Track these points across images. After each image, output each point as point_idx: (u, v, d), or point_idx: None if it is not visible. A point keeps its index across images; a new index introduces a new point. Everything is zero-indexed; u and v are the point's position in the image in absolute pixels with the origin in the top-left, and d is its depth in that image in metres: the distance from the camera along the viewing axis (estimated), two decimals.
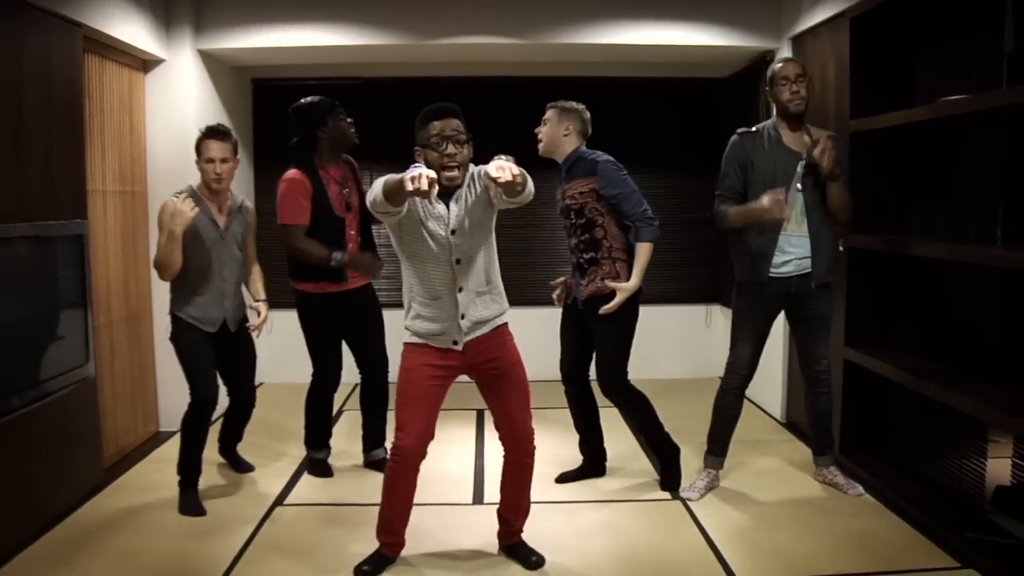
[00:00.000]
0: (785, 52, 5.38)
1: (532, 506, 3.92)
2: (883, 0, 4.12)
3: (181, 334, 4.04)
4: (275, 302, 6.34)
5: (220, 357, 4.13)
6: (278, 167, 6.43)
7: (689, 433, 4.98)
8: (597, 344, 4.19)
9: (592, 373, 4.31)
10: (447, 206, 3.21)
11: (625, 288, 3.99)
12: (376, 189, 3.04)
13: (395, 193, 2.94)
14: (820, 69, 4.84)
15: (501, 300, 3.40)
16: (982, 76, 3.75)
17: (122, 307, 4.90)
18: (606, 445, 4.58)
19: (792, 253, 4.01)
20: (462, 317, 3.26)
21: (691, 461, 4.60)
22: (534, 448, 3.49)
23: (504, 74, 6.45)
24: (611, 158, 4.08)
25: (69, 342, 3.98)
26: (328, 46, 5.54)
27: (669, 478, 4.31)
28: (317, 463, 4.58)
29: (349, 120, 4.36)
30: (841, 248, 4.42)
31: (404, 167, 2.96)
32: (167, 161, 5.21)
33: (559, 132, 4.14)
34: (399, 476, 3.36)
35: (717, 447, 4.30)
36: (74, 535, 3.75)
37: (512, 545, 3.59)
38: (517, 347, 3.44)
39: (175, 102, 5.29)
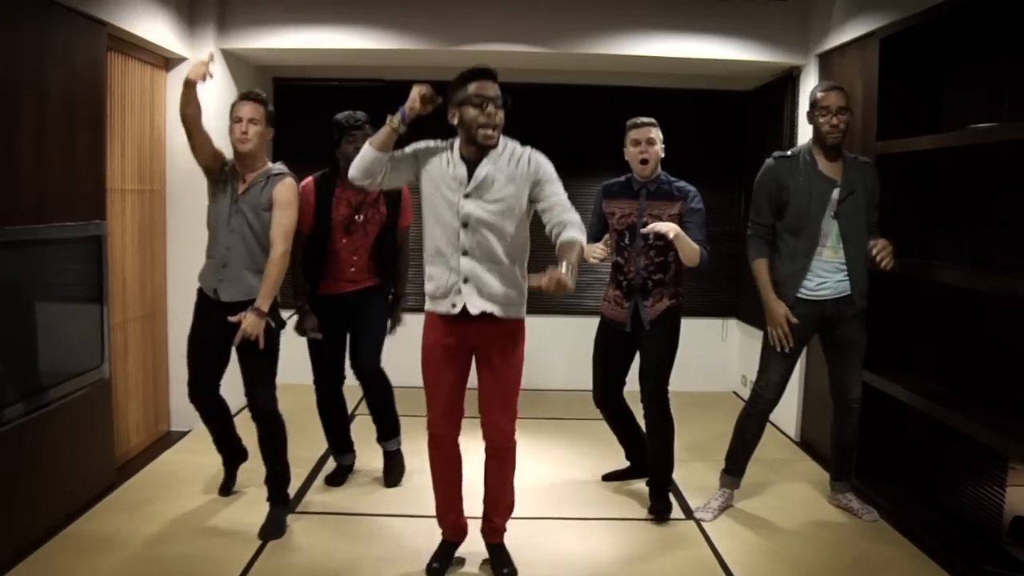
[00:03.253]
0: (812, 69, 5.34)
1: (547, 522, 3.92)
2: (915, 23, 4.07)
3: (195, 310, 3.97)
4: (288, 302, 6.32)
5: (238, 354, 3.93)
6: (298, 167, 6.46)
7: (703, 449, 4.98)
8: (652, 353, 4.12)
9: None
10: (469, 171, 3.22)
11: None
12: (359, 159, 3.27)
13: (385, 137, 3.21)
14: (848, 88, 4.74)
15: (518, 288, 3.31)
16: (1013, 102, 3.70)
17: (138, 306, 4.89)
18: (620, 460, 4.62)
19: (828, 278, 3.99)
20: (465, 281, 3.23)
21: (705, 477, 4.61)
22: (512, 445, 3.45)
23: (528, 81, 6.42)
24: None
25: (84, 344, 3.97)
26: (351, 49, 5.52)
27: (663, 502, 4.20)
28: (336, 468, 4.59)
29: (357, 145, 3.96)
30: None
31: None
32: (187, 160, 5.06)
33: (661, 152, 4.11)
34: (433, 456, 3.46)
35: (735, 467, 4.27)
36: (84, 536, 3.74)
37: (492, 545, 3.58)
38: (523, 350, 3.41)
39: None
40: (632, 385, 4.27)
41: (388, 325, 4.45)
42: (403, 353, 4.57)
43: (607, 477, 4.64)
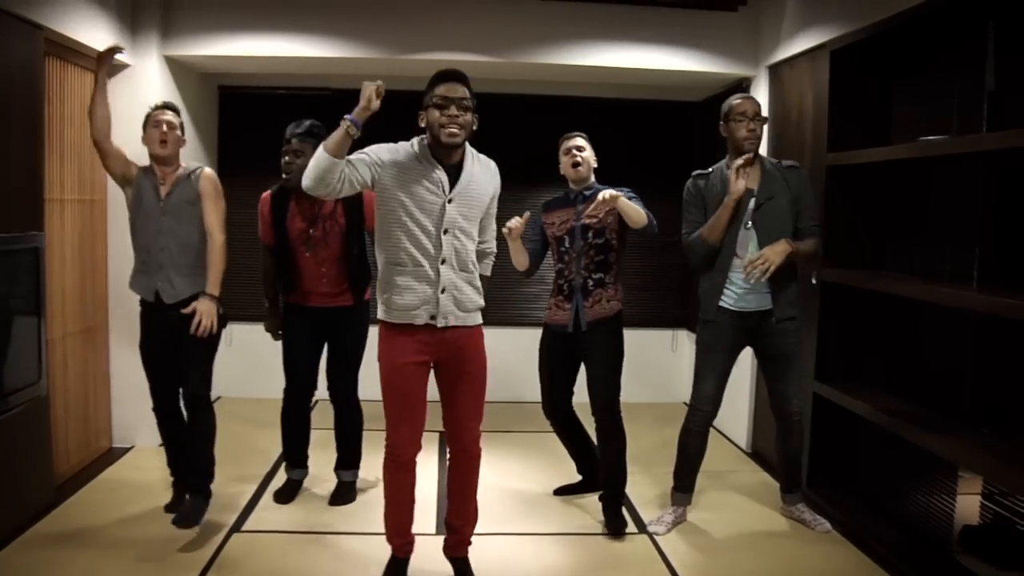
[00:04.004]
0: (762, 80, 5.37)
1: (500, 538, 3.87)
2: (864, 35, 4.10)
3: (140, 320, 4.00)
4: (236, 314, 6.24)
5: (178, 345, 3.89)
6: (243, 175, 6.38)
7: (655, 461, 4.96)
8: (597, 364, 4.11)
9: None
10: (448, 174, 3.18)
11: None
12: (312, 166, 3.05)
13: (340, 142, 3.02)
14: (797, 99, 4.82)
15: (480, 294, 3.36)
16: (962, 112, 3.73)
17: (77, 319, 4.73)
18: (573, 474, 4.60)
19: (749, 288, 3.97)
20: (442, 291, 3.19)
21: (657, 489, 4.60)
22: (479, 451, 3.44)
23: (475, 90, 6.35)
24: None
25: (20, 360, 3.82)
26: (298, 57, 5.42)
27: (618, 519, 4.12)
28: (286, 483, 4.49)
29: (286, 159, 4.13)
30: (814, 281, 4.39)
31: None
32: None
33: (593, 160, 4.16)
34: (393, 477, 3.36)
35: (683, 484, 4.24)
36: (19, 562, 3.57)
37: (459, 559, 3.52)
38: (486, 352, 3.39)
39: (139, 108, 5.04)
40: (582, 397, 4.22)
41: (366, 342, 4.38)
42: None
43: (559, 491, 4.60)
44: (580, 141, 4.16)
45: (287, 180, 4.11)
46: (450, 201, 3.17)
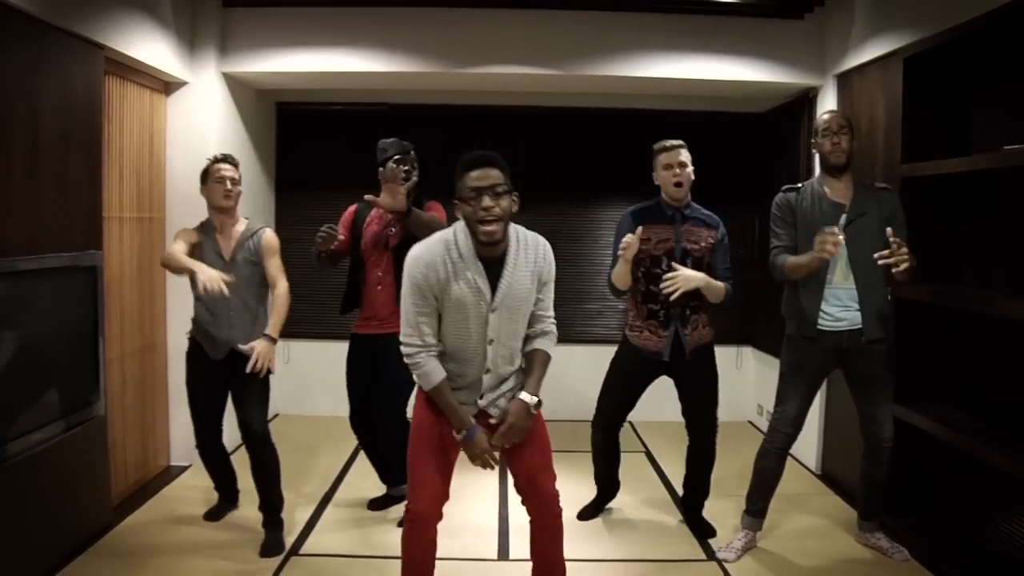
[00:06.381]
0: (829, 90, 5.19)
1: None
2: (939, 41, 3.92)
3: (189, 358, 4.09)
4: (293, 331, 6.21)
5: (231, 385, 4.01)
6: (301, 192, 6.37)
7: (722, 483, 4.77)
8: (703, 390, 4.23)
9: None
10: (489, 279, 2.91)
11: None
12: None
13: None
14: (868, 109, 4.65)
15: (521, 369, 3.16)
16: None
17: (136, 338, 4.72)
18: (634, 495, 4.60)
19: (841, 307, 3.80)
20: (481, 397, 3.05)
21: (721, 512, 4.44)
22: (560, 511, 3.17)
23: (536, 104, 6.27)
24: None
25: (79, 380, 3.80)
26: (355, 72, 5.38)
27: (706, 524, 4.29)
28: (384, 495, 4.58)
29: (405, 168, 4.04)
30: (888, 298, 4.20)
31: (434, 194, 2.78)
32: (187, 186, 5.02)
33: (691, 175, 4.07)
34: (413, 538, 3.06)
35: (756, 508, 4.07)
36: None
37: None
38: (542, 419, 3.18)
39: (197, 125, 5.14)
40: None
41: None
42: None
43: (583, 516, 4.50)
44: (684, 156, 4.02)
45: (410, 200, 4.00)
46: (493, 311, 2.93)
